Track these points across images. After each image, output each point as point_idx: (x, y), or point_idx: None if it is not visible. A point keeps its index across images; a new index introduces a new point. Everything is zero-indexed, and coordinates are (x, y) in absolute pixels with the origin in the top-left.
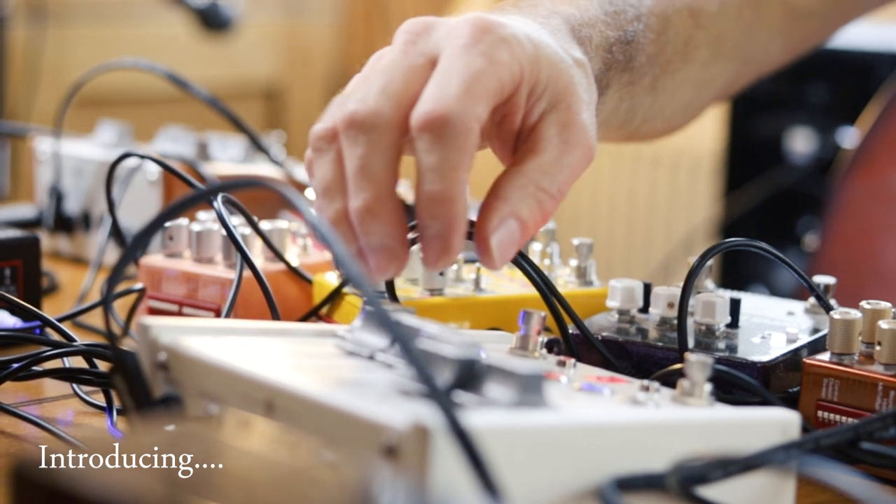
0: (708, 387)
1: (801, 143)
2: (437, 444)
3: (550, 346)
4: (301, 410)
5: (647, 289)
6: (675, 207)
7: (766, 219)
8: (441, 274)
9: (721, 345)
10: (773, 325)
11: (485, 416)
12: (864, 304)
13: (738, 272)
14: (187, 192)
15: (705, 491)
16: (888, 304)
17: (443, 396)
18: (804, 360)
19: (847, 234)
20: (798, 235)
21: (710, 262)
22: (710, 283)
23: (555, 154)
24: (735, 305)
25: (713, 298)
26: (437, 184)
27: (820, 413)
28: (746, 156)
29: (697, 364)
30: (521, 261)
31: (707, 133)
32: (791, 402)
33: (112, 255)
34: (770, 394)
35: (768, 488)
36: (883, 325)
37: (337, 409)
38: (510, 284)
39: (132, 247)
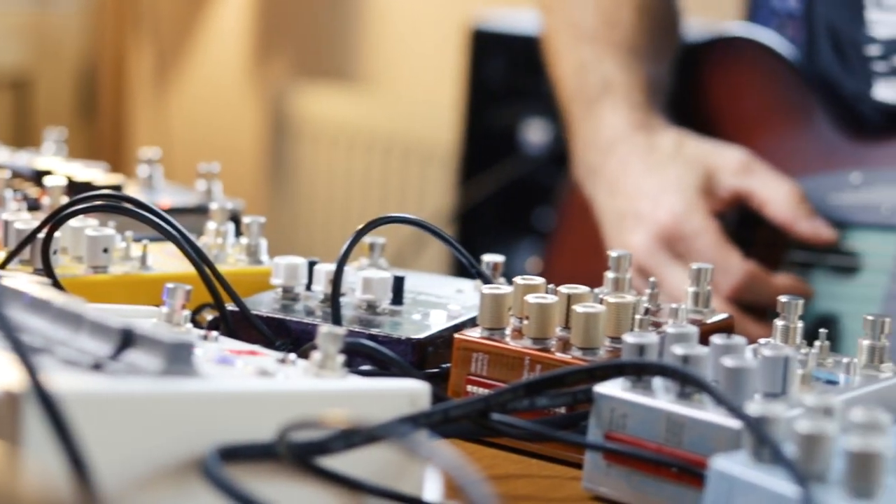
0: (340, 358)
1: (535, 133)
2: (27, 411)
3: (216, 324)
4: None
5: (313, 266)
6: (409, 196)
7: (502, 208)
8: (105, 251)
9: (381, 321)
10: (438, 303)
11: (76, 381)
12: (517, 279)
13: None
14: None
15: (330, 462)
16: (541, 280)
17: (29, 362)
18: (455, 335)
19: (578, 220)
20: (533, 225)
21: (383, 241)
22: (383, 261)
23: None
24: (398, 283)
25: (373, 275)
26: None
27: (470, 388)
28: (481, 146)
29: (328, 336)
30: (181, 239)
31: (442, 123)
32: (445, 377)
33: None
34: (408, 365)
35: (396, 459)
36: (530, 299)
37: None
38: (177, 262)
39: None
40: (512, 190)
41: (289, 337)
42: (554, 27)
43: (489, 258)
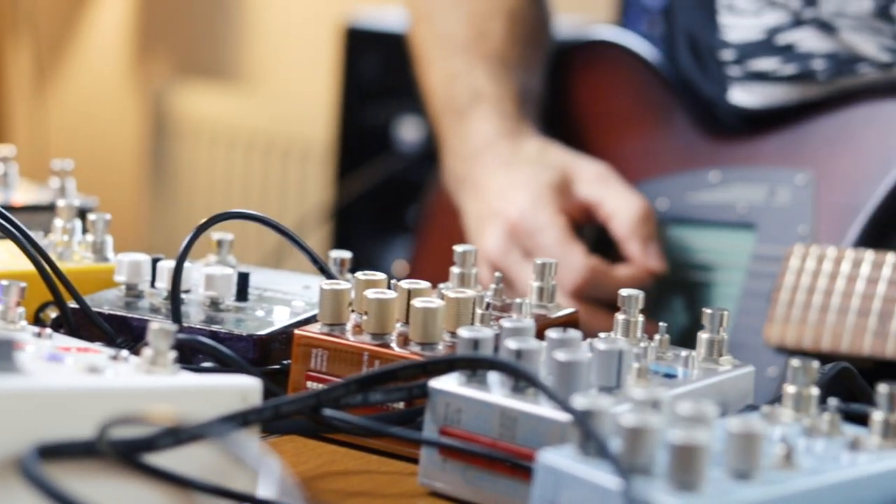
0: (172, 354)
1: (409, 131)
2: None
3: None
4: None
5: (156, 263)
6: (288, 194)
7: (377, 205)
8: None
9: (224, 318)
10: (283, 300)
11: None
12: (358, 274)
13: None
14: None
15: (161, 459)
16: (382, 276)
17: None
18: (294, 331)
19: (443, 222)
20: (406, 222)
21: (230, 237)
22: (231, 258)
23: None
24: (243, 279)
25: (216, 272)
26: None
27: (310, 384)
28: (357, 143)
29: (159, 332)
30: (19, 236)
31: (319, 121)
32: (287, 373)
33: None
34: (242, 361)
35: (229, 456)
36: (369, 294)
37: None
38: (20, 260)
39: None
40: (387, 187)
41: (131, 334)
42: (424, 38)
43: (336, 254)
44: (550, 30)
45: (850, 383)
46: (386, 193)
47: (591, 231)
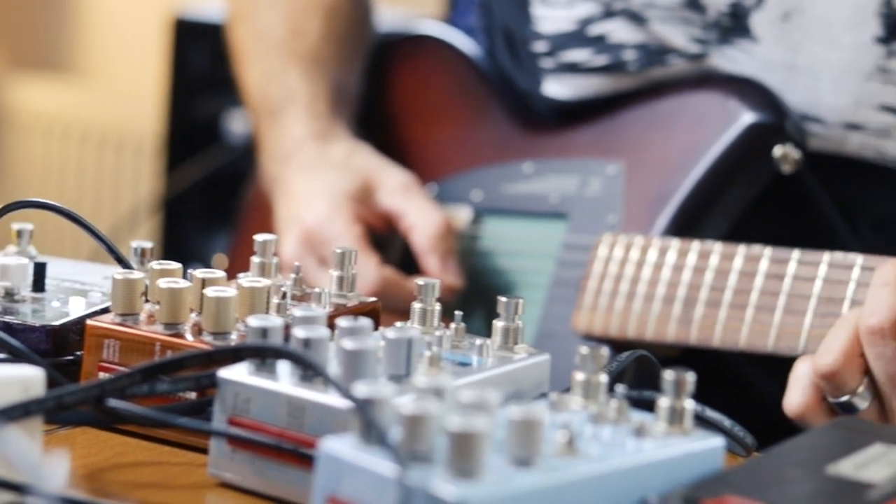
0: None
1: (238, 123)
2: None
3: None
4: None
5: None
6: (123, 186)
7: (207, 197)
8: None
9: (18, 308)
10: (82, 290)
11: None
12: (153, 263)
13: None
14: None
15: None
16: (178, 265)
17: None
18: (87, 321)
19: (259, 217)
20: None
21: (30, 227)
22: (31, 249)
23: None
24: (40, 269)
25: (10, 262)
26: None
27: (102, 375)
28: (186, 135)
29: None
30: None
31: (151, 113)
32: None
33: None
34: (27, 351)
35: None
36: (161, 284)
37: None
38: None
39: None
40: (215, 179)
41: None
42: (243, 35)
43: (137, 243)
44: (371, 25)
45: (647, 371)
46: (215, 185)
47: (400, 242)
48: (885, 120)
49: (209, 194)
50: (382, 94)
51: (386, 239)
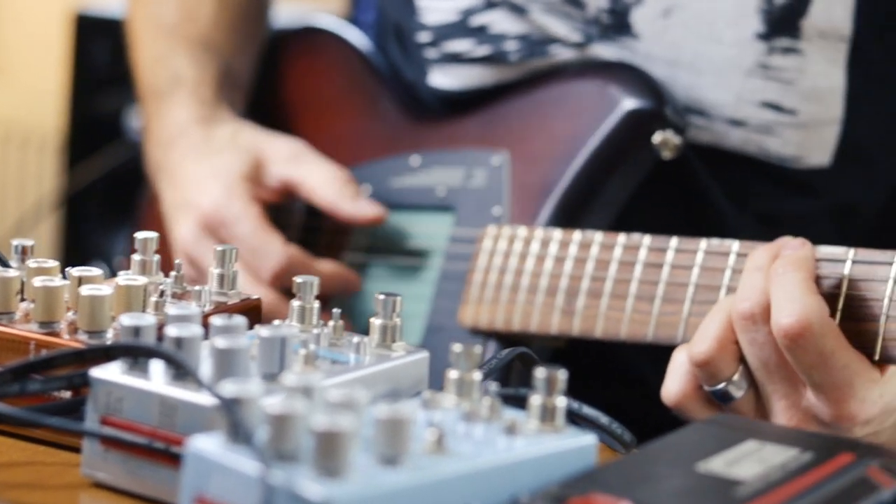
0: None
1: (140, 119)
2: None
3: None
4: None
5: None
6: (27, 183)
7: (110, 193)
8: None
9: None
10: None
11: None
12: (29, 262)
13: None
14: None
15: None
16: (55, 263)
17: None
18: None
19: (156, 214)
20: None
21: None
22: None
23: None
24: None
25: None
26: None
27: None
28: (88, 131)
29: None
30: None
31: (52, 109)
32: None
33: None
34: None
35: None
36: (36, 282)
37: None
38: None
39: None
40: (118, 175)
41: None
42: (137, 18)
43: (18, 241)
44: (267, 16)
45: (530, 368)
46: (117, 182)
47: (299, 220)
48: (766, 116)
49: (111, 191)
50: (276, 87)
51: (285, 218)
